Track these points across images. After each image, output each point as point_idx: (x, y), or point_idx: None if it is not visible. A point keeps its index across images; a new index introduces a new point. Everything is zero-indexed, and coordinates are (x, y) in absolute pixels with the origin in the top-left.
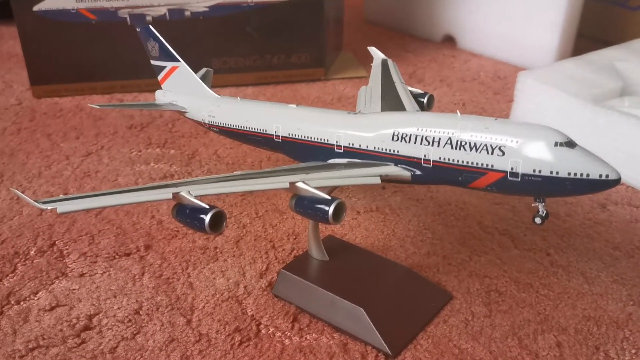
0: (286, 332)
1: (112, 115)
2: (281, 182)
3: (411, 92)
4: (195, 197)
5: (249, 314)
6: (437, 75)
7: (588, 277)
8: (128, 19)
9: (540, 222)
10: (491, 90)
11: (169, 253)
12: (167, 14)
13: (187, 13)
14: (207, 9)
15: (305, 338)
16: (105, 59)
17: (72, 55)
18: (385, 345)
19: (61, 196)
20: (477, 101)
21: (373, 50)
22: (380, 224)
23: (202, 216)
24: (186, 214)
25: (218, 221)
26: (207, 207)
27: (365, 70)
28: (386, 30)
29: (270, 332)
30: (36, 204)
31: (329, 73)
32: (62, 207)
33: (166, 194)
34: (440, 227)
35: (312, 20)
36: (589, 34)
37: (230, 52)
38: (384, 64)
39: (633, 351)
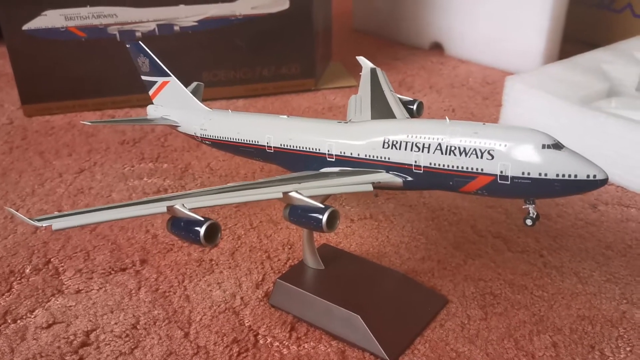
0: (284, 342)
1: (104, 131)
2: (274, 192)
3: (400, 99)
4: (190, 209)
5: (247, 324)
6: (426, 82)
7: (581, 277)
8: (117, 35)
9: (531, 223)
10: (480, 96)
11: (165, 267)
12: (156, 29)
13: (176, 28)
14: (196, 23)
15: (303, 347)
16: (96, 75)
17: (62, 73)
18: (382, 351)
19: (55, 213)
20: (467, 106)
21: (362, 59)
22: (374, 231)
23: (197, 228)
24: (181, 226)
25: (213, 233)
26: (201, 219)
27: (355, 80)
28: (375, 38)
29: (268, 342)
30: (31, 221)
31: (319, 83)
32: (57, 224)
33: (160, 207)
34: (434, 232)
35: (300, 31)
36: (576, 38)
37: (220, 65)
38: (373, 72)
39: (628, 349)
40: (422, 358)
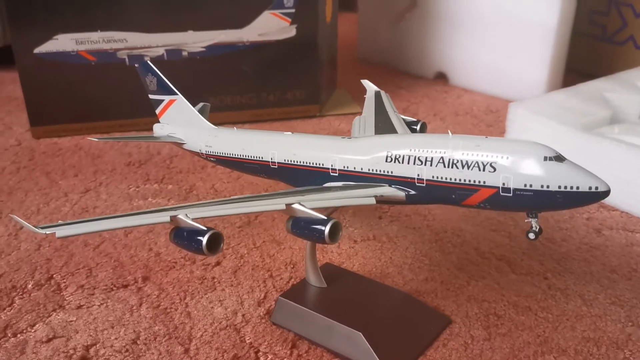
0: (285, 359)
1: (110, 153)
2: (278, 204)
3: (404, 120)
4: (193, 219)
5: (247, 341)
6: (431, 109)
7: (586, 300)
8: (127, 60)
9: (534, 237)
10: (484, 123)
11: (167, 284)
12: (165, 54)
13: (185, 53)
14: (203, 49)
15: None
16: (104, 99)
17: (71, 96)
18: None
19: (59, 222)
20: (471, 134)
21: (366, 83)
22: (377, 251)
23: (199, 237)
24: (184, 236)
25: (215, 242)
26: (204, 228)
27: (360, 107)
28: (379, 68)
29: (268, 359)
30: (35, 229)
31: (324, 109)
32: (61, 231)
33: (164, 217)
34: (438, 254)
35: (306, 59)
36: (579, 69)
37: (227, 90)
38: (377, 95)
39: None
40: None
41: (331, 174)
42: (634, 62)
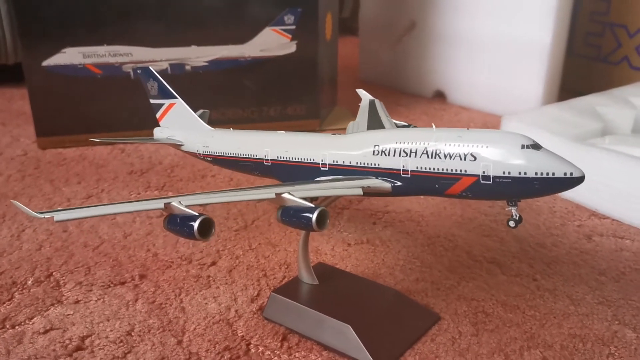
0: (275, 351)
1: (113, 163)
2: (268, 193)
3: (396, 124)
4: (186, 206)
5: (239, 335)
6: (428, 126)
7: (574, 300)
8: (132, 73)
9: (514, 225)
10: None
11: (163, 281)
12: (169, 68)
13: (188, 67)
14: (206, 64)
15: (294, 356)
16: (109, 111)
17: (77, 107)
18: None
19: (58, 208)
20: None
21: (361, 92)
22: (370, 254)
23: (191, 223)
24: (177, 222)
25: (206, 228)
26: (196, 214)
27: None
28: (379, 87)
29: (259, 350)
30: (34, 213)
31: (324, 124)
32: (59, 216)
33: (158, 204)
34: (430, 257)
35: (306, 74)
36: (575, 89)
37: (229, 104)
38: (371, 103)
39: None
40: None
41: (321, 168)
42: (629, 81)
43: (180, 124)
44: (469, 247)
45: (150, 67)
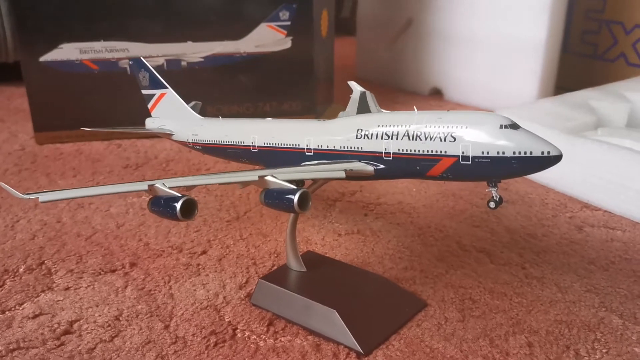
0: (261, 335)
1: (109, 157)
2: (252, 175)
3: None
4: (169, 188)
5: (227, 320)
6: None
7: (562, 287)
8: (128, 69)
9: (494, 206)
10: None
11: (153, 269)
12: (165, 64)
13: (184, 63)
14: (202, 60)
15: (280, 340)
16: (106, 107)
17: (74, 103)
18: (357, 344)
19: (44, 190)
20: None
21: (353, 84)
22: (360, 244)
23: (174, 204)
24: (160, 203)
25: (189, 208)
26: (179, 195)
27: None
28: (377, 85)
29: (245, 335)
30: (20, 194)
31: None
32: (44, 196)
33: (142, 186)
34: (419, 246)
35: (302, 70)
36: (572, 87)
37: (224, 99)
38: (362, 94)
39: (604, 350)
40: (396, 352)
41: (306, 153)
42: (626, 78)
43: (171, 114)
44: (459, 237)
45: (141, 58)
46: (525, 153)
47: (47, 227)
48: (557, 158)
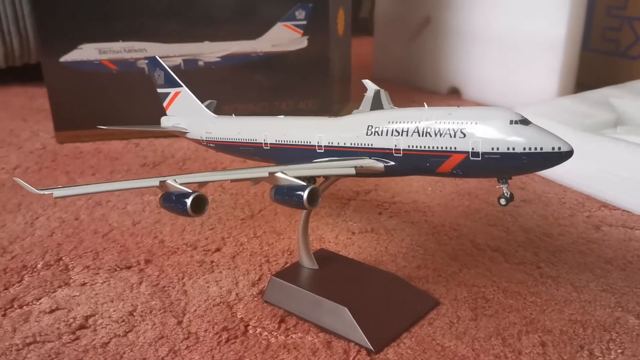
0: (273, 332)
1: (127, 156)
2: (262, 172)
3: None
4: (181, 184)
5: (239, 316)
6: None
7: (577, 287)
8: (146, 68)
9: (504, 203)
10: None
11: (168, 266)
12: (182, 64)
13: (201, 63)
14: (219, 59)
15: (291, 337)
16: (125, 106)
17: (93, 102)
18: (367, 341)
19: (58, 186)
20: None
21: (367, 82)
22: (373, 242)
23: (185, 199)
24: (172, 199)
25: (200, 204)
26: (190, 191)
27: None
28: (395, 85)
29: (257, 331)
30: (35, 190)
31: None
32: (58, 192)
33: (154, 182)
34: (433, 245)
35: (318, 69)
36: (593, 85)
37: (241, 99)
38: (376, 93)
39: (619, 350)
40: (407, 350)
41: (317, 150)
42: None
43: (186, 112)
44: (474, 236)
45: (156, 57)
46: (535, 149)
47: (66, 224)
48: (568, 154)
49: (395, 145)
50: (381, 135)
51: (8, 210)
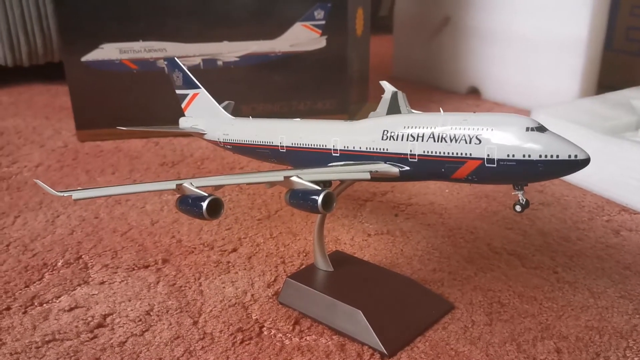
0: (287, 334)
1: (147, 155)
2: (277, 176)
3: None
4: (197, 187)
5: (254, 318)
6: None
7: (594, 293)
8: (166, 68)
9: (520, 210)
10: None
11: (185, 266)
12: (201, 63)
13: (220, 63)
14: (237, 59)
15: (305, 339)
16: (145, 105)
17: (114, 102)
18: (381, 345)
19: (78, 188)
20: None
21: (385, 84)
22: (389, 244)
23: (201, 203)
24: (188, 202)
25: (216, 208)
26: (206, 194)
27: None
28: (413, 84)
29: (272, 333)
30: (55, 192)
31: (354, 119)
32: (77, 194)
33: (171, 185)
34: (449, 248)
35: (336, 69)
36: (616, 86)
37: (259, 98)
38: (394, 94)
39: (636, 358)
40: (420, 355)
41: (333, 154)
42: None
43: (204, 114)
44: (490, 239)
45: (175, 58)
46: (551, 156)
47: (85, 222)
48: (585, 162)
49: (411, 151)
50: (396, 140)
51: (30, 208)
